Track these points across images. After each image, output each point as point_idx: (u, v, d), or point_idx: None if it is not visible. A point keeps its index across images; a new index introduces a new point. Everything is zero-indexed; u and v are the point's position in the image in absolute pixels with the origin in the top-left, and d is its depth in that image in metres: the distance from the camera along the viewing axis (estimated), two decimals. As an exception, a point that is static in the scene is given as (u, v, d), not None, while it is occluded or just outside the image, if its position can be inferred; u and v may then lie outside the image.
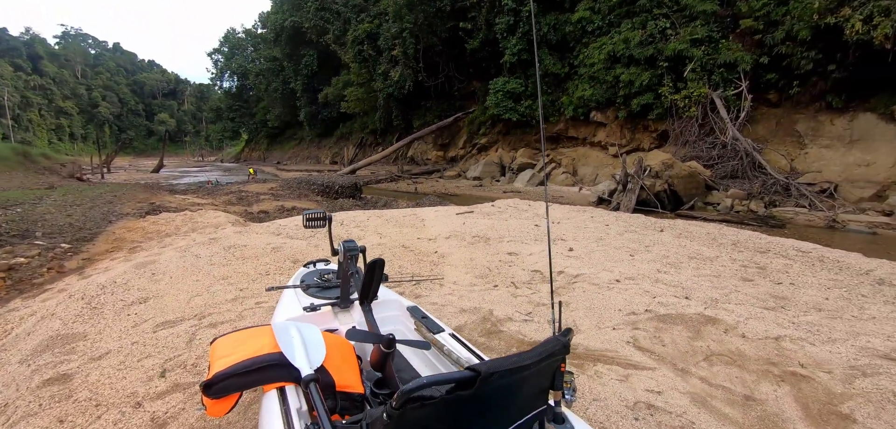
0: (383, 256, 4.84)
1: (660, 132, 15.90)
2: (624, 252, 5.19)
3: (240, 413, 2.03)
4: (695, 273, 4.32)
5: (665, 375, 2.43)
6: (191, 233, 6.53)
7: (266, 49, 49.73)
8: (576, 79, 18.70)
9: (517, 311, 3.39)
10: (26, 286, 4.26)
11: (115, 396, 2.20)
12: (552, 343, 1.07)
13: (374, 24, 26.56)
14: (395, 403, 0.84)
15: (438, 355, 1.69)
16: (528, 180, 17.98)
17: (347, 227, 6.82)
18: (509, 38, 19.81)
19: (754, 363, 2.55)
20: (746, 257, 4.91)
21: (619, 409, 2.12)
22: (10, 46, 77.72)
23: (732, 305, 3.43)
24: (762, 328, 2.96)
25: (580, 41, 18.57)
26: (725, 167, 12.50)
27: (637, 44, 15.29)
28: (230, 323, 3.10)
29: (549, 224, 6.94)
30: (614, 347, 2.75)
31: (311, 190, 13.80)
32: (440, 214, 8.16)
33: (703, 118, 13.99)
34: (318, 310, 1.96)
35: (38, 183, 14.92)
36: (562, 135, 19.92)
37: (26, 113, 68.03)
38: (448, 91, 27.08)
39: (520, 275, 4.33)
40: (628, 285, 3.93)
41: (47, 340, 2.82)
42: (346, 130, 36.96)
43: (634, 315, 3.25)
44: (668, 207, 10.70)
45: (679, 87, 14.49)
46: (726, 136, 12.92)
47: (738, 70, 13.42)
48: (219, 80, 67.18)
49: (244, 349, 1.38)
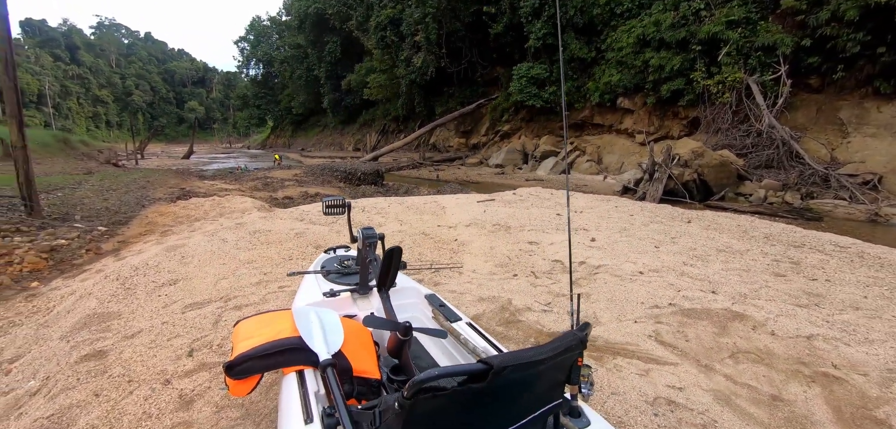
0: (403, 244, 4.89)
1: (690, 119, 15.33)
2: (648, 243, 5.06)
3: (261, 394, 2.10)
4: (723, 267, 4.17)
5: (688, 371, 2.37)
6: (219, 218, 6.74)
7: (290, 36, 50.36)
8: (603, 64, 18.19)
9: (536, 301, 3.36)
10: (67, 267, 4.50)
11: (146, 372, 2.30)
12: (569, 338, 1.05)
13: (397, 10, 26.45)
14: (407, 392, 0.84)
15: (455, 343, 1.70)
16: (551, 168, 17.70)
17: (369, 213, 6.89)
18: (534, 21, 19.39)
19: (783, 362, 2.46)
20: (779, 251, 4.71)
21: (638, 404, 2.08)
22: (49, 37, 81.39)
23: (762, 301, 3.30)
24: (793, 326, 2.85)
25: (608, 24, 18.00)
26: (760, 156, 11.96)
27: (669, 26, 14.70)
28: (254, 306, 3.20)
29: (570, 213, 6.83)
30: (635, 340, 2.70)
31: (334, 176, 14.00)
32: (461, 201, 8.14)
33: (738, 105, 13.39)
34: (337, 296, 2.00)
35: (78, 168, 15.66)
36: (587, 122, 19.47)
37: (66, 102, 71.33)
38: (471, 77, 26.82)
39: (540, 264, 4.29)
40: (652, 278, 3.83)
41: (85, 318, 2.98)
42: (369, 116, 37.19)
43: (657, 309, 3.18)
44: (696, 197, 10.35)
45: (712, 72, 13.87)
46: (762, 123, 12.34)
47: (777, 53, 12.73)
48: (245, 68, 68.63)
49: (265, 332, 1.42)
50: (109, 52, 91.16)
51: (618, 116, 18.02)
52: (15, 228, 5.28)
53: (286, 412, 1.21)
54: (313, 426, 1.12)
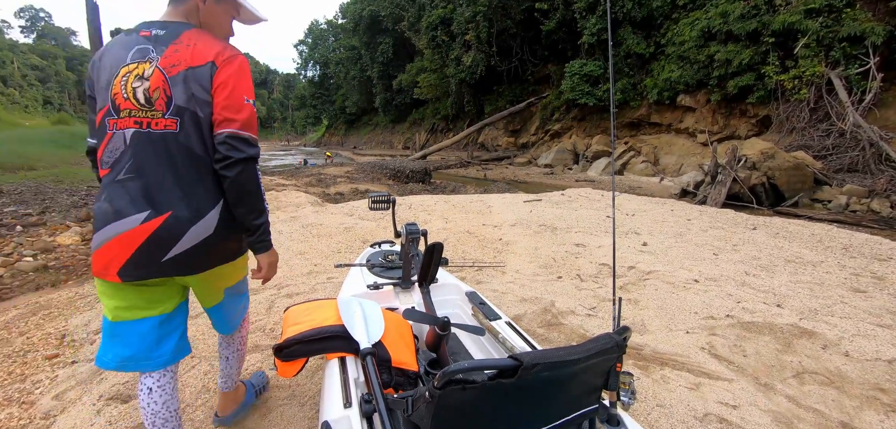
0: (448, 241, 4.95)
1: (760, 118, 14.15)
2: (706, 250, 4.75)
3: (306, 377, 2.22)
4: (791, 279, 3.84)
5: (744, 388, 2.21)
6: (275, 210, 7.15)
7: (345, 39, 52.31)
8: (662, 59, 17.27)
9: (581, 304, 3.28)
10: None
11: (207, 350, 2.51)
12: (604, 340, 1.03)
13: (448, 10, 26.64)
14: (438, 382, 0.86)
15: (493, 341, 1.70)
16: (603, 169, 17.07)
17: (415, 210, 7.02)
18: (588, 17, 18.77)
19: (857, 387, 2.22)
20: (860, 265, 4.25)
21: (685, 419, 1.97)
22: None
23: (836, 318, 3.00)
24: (872, 348, 2.57)
25: (669, 17, 17.06)
26: (842, 159, 10.81)
27: (737, 17, 13.63)
28: (303, 295, 3.37)
29: (621, 216, 6.56)
30: (686, 352, 2.56)
31: (383, 174, 14.38)
32: (507, 201, 8.07)
33: (817, 102, 12.19)
34: (380, 289, 2.07)
35: (157, 162, 17.21)
36: (643, 120, 18.58)
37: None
38: (521, 75, 26.47)
39: (586, 267, 4.17)
40: (708, 287, 3.60)
41: (159, 297, 3.29)
42: (419, 115, 37.79)
43: (712, 320, 2.99)
44: (765, 202, 9.55)
45: (787, 66, 12.70)
46: (845, 122, 11.15)
47: (865, 44, 11.43)
48: (303, 70, 72.20)
49: (312, 319, 1.50)
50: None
51: (677, 115, 17.03)
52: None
53: (328, 396, 1.27)
54: (352, 411, 1.18)
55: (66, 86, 69.58)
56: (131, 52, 1.31)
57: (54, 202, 6.49)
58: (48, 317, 3.15)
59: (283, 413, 1.98)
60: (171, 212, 1.27)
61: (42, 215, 5.65)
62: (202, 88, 1.28)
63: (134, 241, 1.25)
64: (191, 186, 1.30)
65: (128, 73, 1.29)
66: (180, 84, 1.28)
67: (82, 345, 2.75)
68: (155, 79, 1.27)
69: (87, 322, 3.06)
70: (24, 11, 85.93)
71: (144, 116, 1.28)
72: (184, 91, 1.28)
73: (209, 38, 1.35)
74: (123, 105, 1.28)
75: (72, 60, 72.96)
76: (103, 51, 1.35)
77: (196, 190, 1.30)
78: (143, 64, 1.29)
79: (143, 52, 1.30)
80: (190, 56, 1.29)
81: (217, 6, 1.43)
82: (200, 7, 1.41)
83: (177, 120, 1.28)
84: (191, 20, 1.41)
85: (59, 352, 2.66)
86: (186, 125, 1.29)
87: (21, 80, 60.64)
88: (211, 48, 1.32)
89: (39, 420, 2.01)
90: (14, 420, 2.01)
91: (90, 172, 10.13)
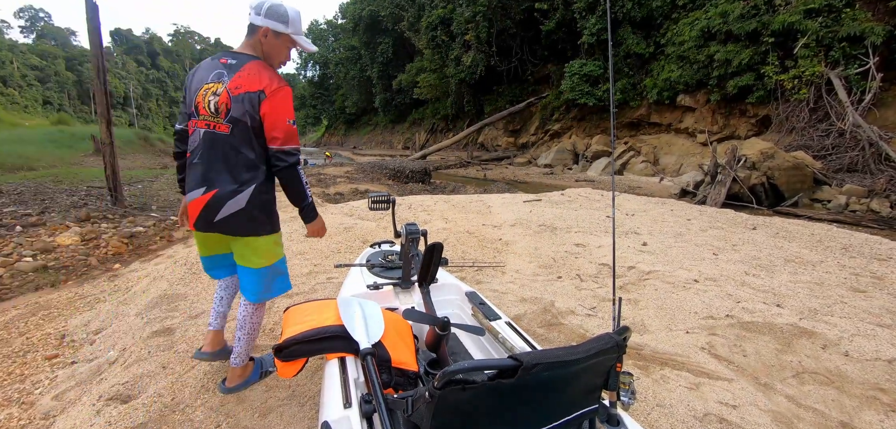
0: (447, 241, 4.94)
1: (760, 118, 14.16)
2: (706, 250, 4.76)
3: (306, 377, 2.21)
4: (791, 279, 3.84)
5: (744, 388, 2.21)
6: (275, 210, 7.14)
7: (345, 39, 52.31)
8: (662, 59, 17.28)
9: (580, 304, 3.28)
10: (144, 251, 4.98)
11: (208, 351, 2.50)
12: (604, 340, 1.03)
13: (448, 10, 26.65)
14: (438, 382, 0.86)
15: (493, 342, 1.70)
16: (603, 169, 17.07)
17: (415, 210, 7.02)
18: (588, 17, 18.78)
19: (857, 387, 2.22)
20: (859, 264, 4.25)
21: (685, 419, 1.97)
22: (134, 45, 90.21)
23: (836, 317, 3.00)
24: (872, 348, 2.57)
25: (668, 17, 17.07)
26: (841, 159, 10.81)
27: (737, 17, 13.63)
28: (303, 295, 3.37)
29: (621, 216, 6.55)
30: (686, 351, 2.56)
31: (383, 174, 14.38)
32: (507, 201, 8.07)
33: (816, 102, 12.19)
34: (380, 289, 2.07)
35: (156, 163, 17.20)
36: (643, 120, 18.58)
37: (147, 103, 78.73)
38: (521, 75, 26.48)
39: (586, 267, 4.17)
40: (708, 287, 3.60)
41: (157, 298, 3.28)
42: (419, 115, 37.80)
43: (712, 320, 2.99)
44: (764, 202, 9.56)
45: (787, 66, 12.70)
46: (845, 122, 11.15)
47: (864, 44, 11.44)
48: (303, 70, 72.15)
49: (312, 319, 1.50)
50: (184, 56, 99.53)
51: (677, 115, 17.04)
52: (102, 216, 5.91)
53: (327, 396, 1.27)
54: (351, 411, 1.18)
55: (65, 86, 69.57)
56: (211, 74, 1.84)
57: (54, 202, 6.49)
58: (48, 317, 3.15)
59: (283, 413, 1.98)
60: (217, 189, 1.79)
61: (41, 215, 5.65)
62: (252, 107, 1.76)
63: (197, 207, 1.82)
64: (232, 173, 1.80)
65: (207, 89, 1.82)
66: (238, 102, 1.76)
67: (82, 345, 2.75)
68: (223, 96, 1.78)
69: (86, 322, 3.06)
70: (24, 11, 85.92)
71: (212, 120, 1.80)
72: (239, 107, 1.76)
73: (263, 70, 1.80)
74: (202, 111, 1.82)
75: (71, 60, 72.93)
76: (196, 69, 1.92)
77: (236, 177, 1.80)
78: (217, 84, 1.80)
79: (218, 75, 1.82)
80: (248, 83, 1.76)
81: (276, 40, 1.88)
82: (263, 41, 1.87)
83: (230, 127, 1.78)
84: (256, 51, 1.88)
85: (59, 352, 2.66)
86: (236, 131, 1.78)
87: (21, 80, 60.62)
88: (263, 79, 1.78)
89: (39, 421, 2.01)
90: (14, 421, 2.01)
91: (89, 172, 10.14)
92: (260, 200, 1.84)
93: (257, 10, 1.83)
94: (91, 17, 6.00)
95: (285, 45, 1.91)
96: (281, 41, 1.88)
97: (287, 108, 1.80)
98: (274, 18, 1.83)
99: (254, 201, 1.82)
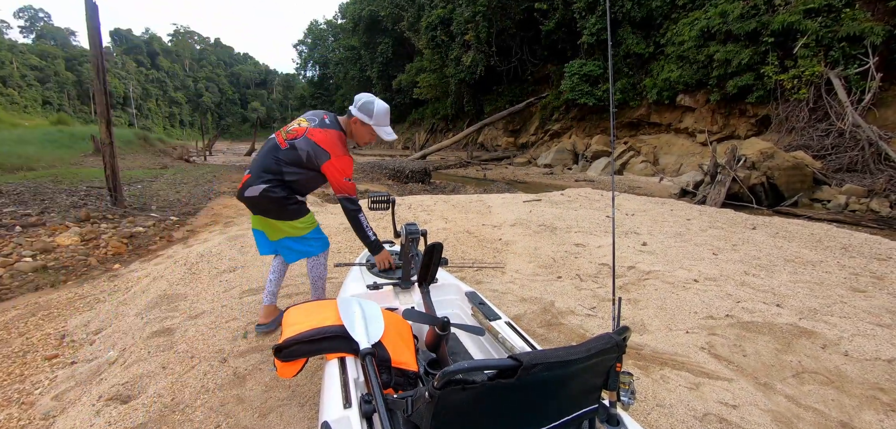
0: (447, 241, 4.95)
1: (760, 118, 14.16)
2: (706, 250, 4.76)
3: (306, 377, 2.21)
4: (791, 278, 3.84)
5: (744, 388, 2.21)
6: (275, 210, 7.13)
7: (345, 39, 52.31)
8: (661, 59, 17.28)
9: (580, 304, 3.28)
10: (143, 251, 4.97)
11: (206, 350, 2.51)
12: (604, 340, 1.03)
13: (448, 10, 26.65)
14: (437, 383, 0.86)
15: (493, 341, 1.70)
16: (603, 169, 17.08)
17: (415, 210, 7.02)
18: (588, 17, 18.78)
19: (857, 387, 2.23)
20: (859, 264, 4.25)
21: (685, 419, 1.97)
22: (133, 45, 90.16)
23: (835, 317, 3.00)
24: (872, 347, 2.57)
25: (668, 17, 17.07)
26: (841, 159, 10.82)
27: (737, 17, 13.64)
28: (303, 295, 3.37)
29: (621, 216, 6.55)
30: (686, 351, 2.56)
31: (382, 174, 14.37)
32: (506, 201, 8.07)
33: (816, 101, 12.20)
34: (380, 289, 2.07)
35: (155, 163, 17.20)
36: (643, 120, 18.59)
37: (146, 103, 78.66)
38: (520, 75, 26.48)
39: (586, 267, 4.17)
40: (708, 286, 3.60)
41: (157, 298, 3.28)
42: (418, 115, 37.80)
43: (712, 319, 2.99)
44: (764, 202, 9.56)
45: (787, 66, 12.70)
46: (844, 122, 11.16)
47: (864, 44, 11.45)
48: (303, 70, 72.21)
49: (312, 319, 1.50)
50: (184, 57, 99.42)
51: (677, 115, 17.05)
52: (102, 216, 5.91)
53: (327, 396, 1.27)
54: (351, 411, 1.17)
55: (65, 86, 69.49)
56: (309, 117, 2.51)
57: (53, 202, 6.49)
58: (47, 317, 3.15)
59: (282, 413, 1.98)
60: (251, 175, 2.43)
61: (41, 216, 5.65)
62: (315, 156, 2.38)
63: (241, 181, 2.47)
64: (263, 171, 2.41)
65: (300, 120, 2.51)
66: (306, 142, 2.38)
67: (81, 345, 2.74)
68: (302, 130, 2.43)
69: (86, 323, 3.06)
70: (24, 11, 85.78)
71: (283, 136, 2.45)
72: (304, 145, 2.38)
73: (338, 142, 2.41)
74: (285, 128, 2.51)
75: (71, 61, 72.85)
76: (304, 113, 2.58)
77: (264, 174, 2.41)
78: (308, 123, 2.46)
79: (310, 119, 2.48)
80: (322, 141, 2.38)
81: (362, 127, 2.45)
82: (352, 125, 2.46)
83: (288, 145, 2.41)
84: (345, 128, 2.49)
85: (59, 353, 2.66)
86: (289, 152, 2.40)
87: (20, 80, 60.56)
88: (335, 148, 2.39)
89: (39, 421, 2.01)
90: (13, 421, 2.01)
91: (89, 172, 10.13)
92: (267, 197, 2.41)
93: (355, 103, 2.43)
94: (91, 17, 6.00)
95: (368, 131, 2.46)
96: (365, 129, 2.45)
97: (343, 169, 2.40)
98: (363, 112, 2.39)
99: (266, 196, 2.41)
